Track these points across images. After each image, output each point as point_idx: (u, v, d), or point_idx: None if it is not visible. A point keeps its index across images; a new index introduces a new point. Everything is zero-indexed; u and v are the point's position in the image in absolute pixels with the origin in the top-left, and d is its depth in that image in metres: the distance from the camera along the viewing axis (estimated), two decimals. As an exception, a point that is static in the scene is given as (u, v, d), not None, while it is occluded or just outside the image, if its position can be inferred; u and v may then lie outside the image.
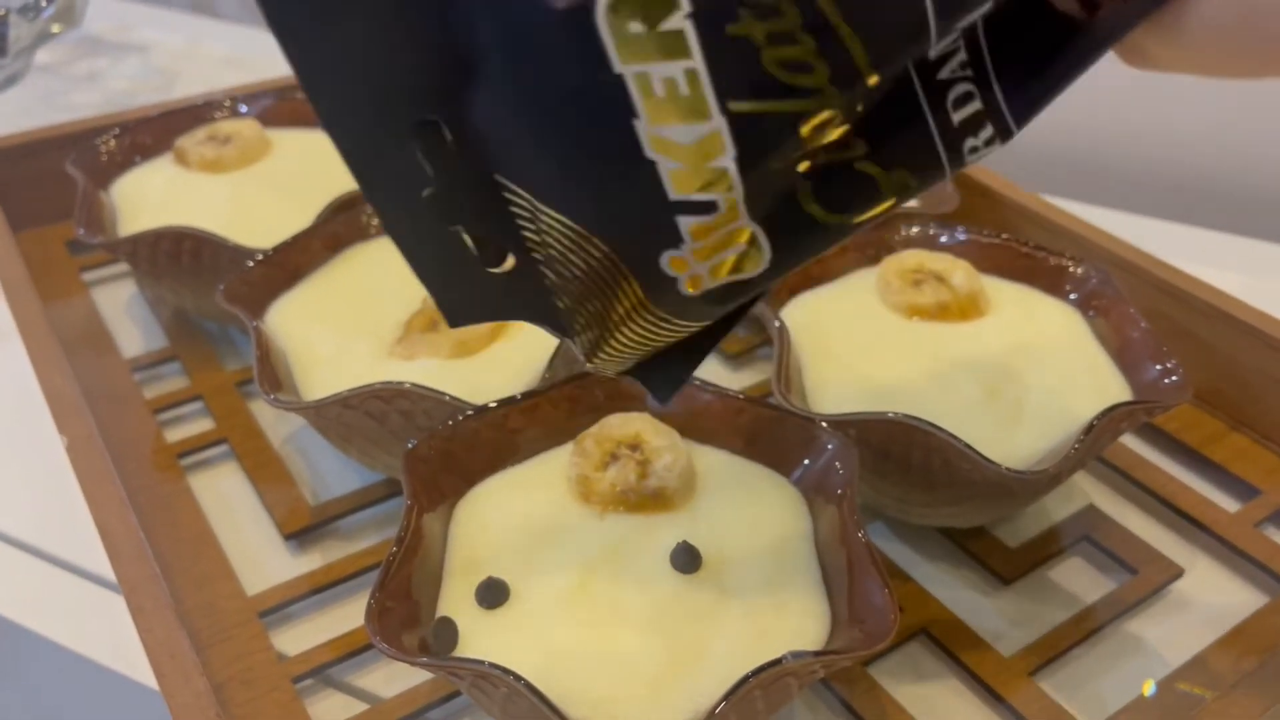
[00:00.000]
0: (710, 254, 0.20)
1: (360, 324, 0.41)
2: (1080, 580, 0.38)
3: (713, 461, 0.35)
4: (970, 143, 0.20)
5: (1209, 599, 0.38)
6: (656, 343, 0.23)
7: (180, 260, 0.45)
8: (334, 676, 0.35)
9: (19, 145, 0.55)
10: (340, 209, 0.46)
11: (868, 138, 0.19)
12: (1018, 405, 0.37)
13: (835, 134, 0.19)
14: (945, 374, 0.38)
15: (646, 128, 0.18)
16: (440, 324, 0.39)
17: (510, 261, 0.21)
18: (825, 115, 0.18)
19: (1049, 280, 0.42)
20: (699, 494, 0.33)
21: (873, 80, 0.18)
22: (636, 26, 0.16)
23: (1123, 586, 0.38)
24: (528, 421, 0.35)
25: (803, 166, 0.19)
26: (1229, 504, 0.41)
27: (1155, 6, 0.19)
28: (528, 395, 0.35)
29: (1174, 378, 0.37)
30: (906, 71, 0.19)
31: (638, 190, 0.19)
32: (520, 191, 0.20)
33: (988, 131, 0.20)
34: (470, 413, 0.34)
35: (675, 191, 0.19)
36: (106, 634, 0.37)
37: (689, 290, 0.20)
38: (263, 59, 0.79)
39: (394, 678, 0.34)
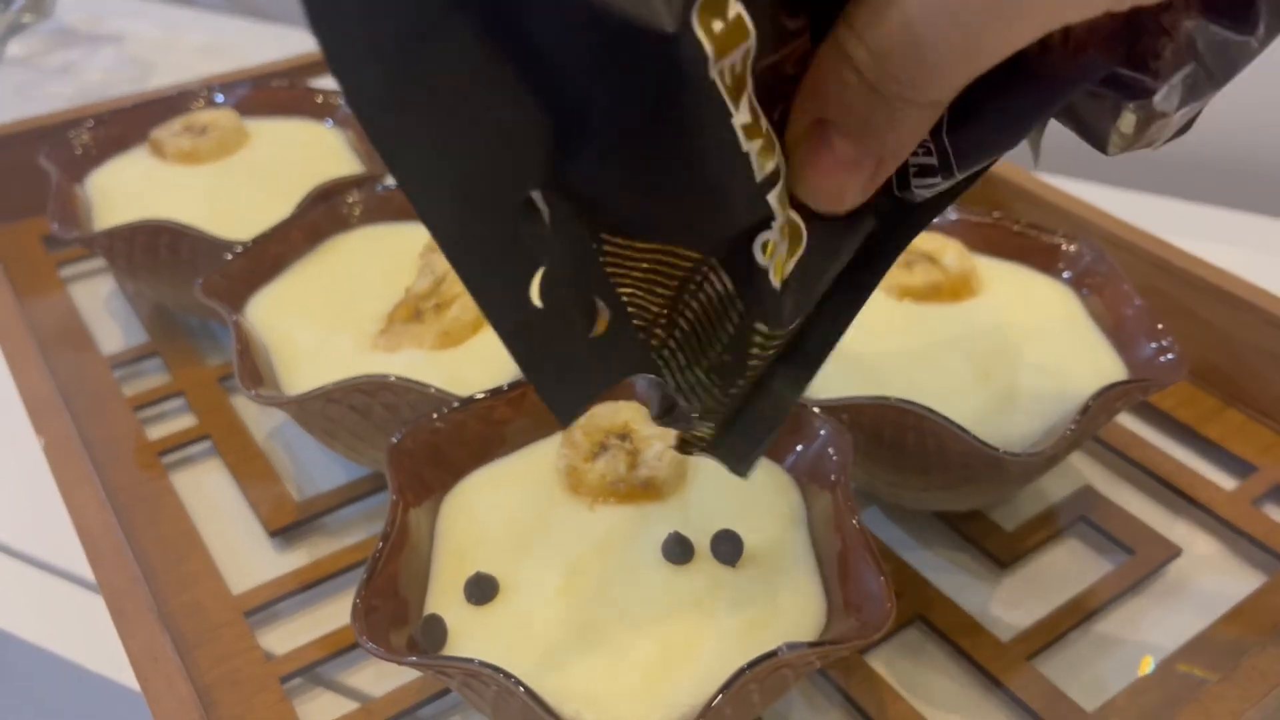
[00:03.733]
0: (786, 229, 0.20)
1: (342, 316, 0.40)
2: (1077, 562, 0.38)
3: (704, 449, 0.34)
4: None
5: (1207, 578, 0.37)
6: (749, 374, 0.22)
7: (158, 254, 0.44)
8: (323, 675, 0.35)
9: (-9, 139, 0.54)
10: (320, 199, 0.45)
11: None
12: (1012, 386, 0.36)
13: None
14: (938, 356, 0.37)
15: (737, 120, 0.18)
16: (424, 314, 0.39)
17: (604, 323, 0.21)
18: None
19: (1042, 259, 0.42)
20: (690, 483, 0.33)
21: None
22: (717, 24, 0.17)
23: (1120, 567, 0.37)
24: (515, 412, 0.34)
25: None
26: (1226, 481, 0.41)
27: (1092, 80, 0.19)
28: (514, 385, 0.34)
29: (1169, 355, 0.36)
30: None
31: (743, 186, 0.19)
32: (618, 241, 0.20)
33: (928, 158, 0.20)
34: (456, 404, 0.33)
35: (760, 171, 0.19)
36: (91, 637, 0.36)
37: (775, 280, 0.20)
38: (240, 47, 0.78)
39: (384, 676, 0.34)
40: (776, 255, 0.20)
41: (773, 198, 0.19)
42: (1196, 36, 0.19)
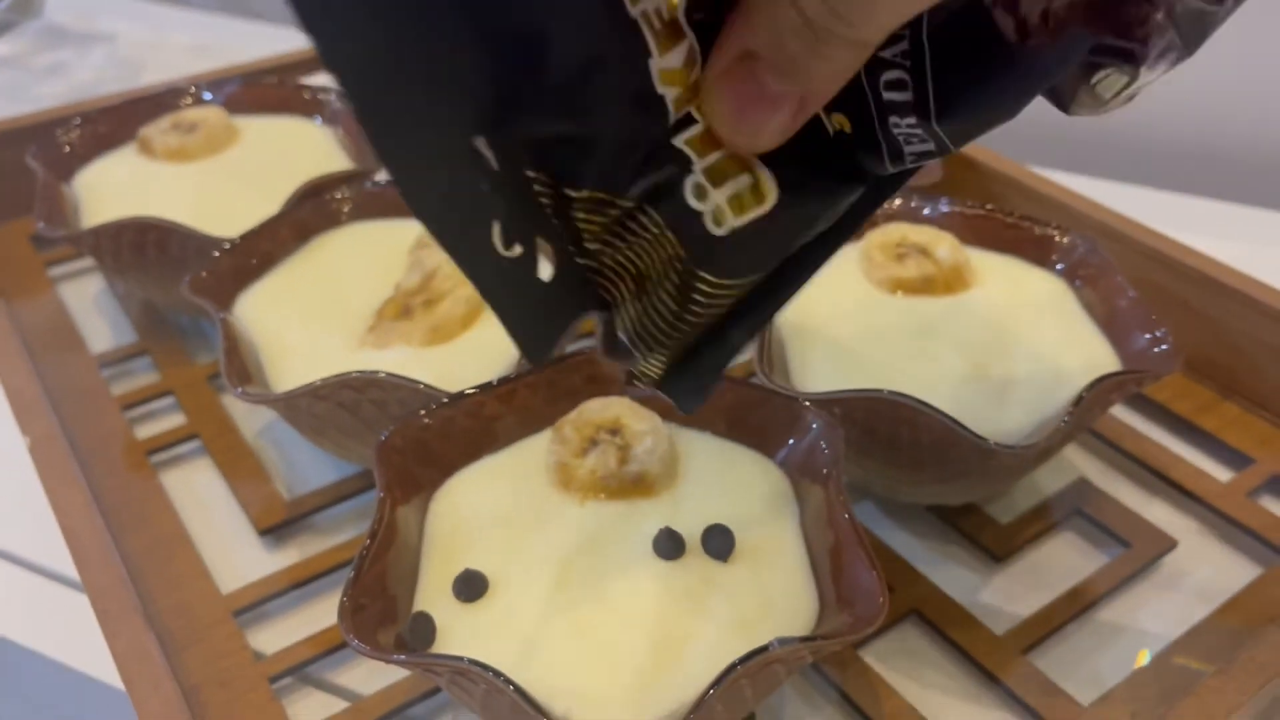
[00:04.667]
0: (720, 175, 0.20)
1: (331, 313, 0.40)
2: (1072, 555, 0.38)
3: (695, 444, 0.34)
4: (894, 120, 0.20)
5: (1203, 571, 0.37)
6: (695, 317, 0.22)
7: (145, 252, 0.44)
8: (312, 675, 0.34)
9: (-22, 139, 0.54)
10: (308, 195, 0.45)
11: None
12: (1005, 378, 0.36)
13: None
14: (931, 348, 0.37)
15: (656, 64, 0.18)
16: (413, 310, 0.38)
17: (549, 263, 0.21)
18: None
19: (1035, 250, 0.41)
20: (681, 478, 0.33)
21: None
22: None
23: (1116, 560, 0.37)
24: (505, 408, 0.34)
25: None
26: (1221, 473, 0.41)
27: (1079, 55, 0.19)
28: (504, 381, 0.34)
29: (1163, 346, 0.36)
30: None
31: (659, 129, 0.19)
32: (546, 180, 0.20)
33: (910, 119, 0.20)
34: (445, 401, 0.33)
35: (674, 113, 0.19)
36: (79, 637, 0.36)
37: (714, 227, 0.20)
38: (230, 47, 0.78)
39: (374, 674, 0.34)
40: (711, 201, 0.20)
41: (683, 141, 0.19)
42: (1176, 4, 0.19)
